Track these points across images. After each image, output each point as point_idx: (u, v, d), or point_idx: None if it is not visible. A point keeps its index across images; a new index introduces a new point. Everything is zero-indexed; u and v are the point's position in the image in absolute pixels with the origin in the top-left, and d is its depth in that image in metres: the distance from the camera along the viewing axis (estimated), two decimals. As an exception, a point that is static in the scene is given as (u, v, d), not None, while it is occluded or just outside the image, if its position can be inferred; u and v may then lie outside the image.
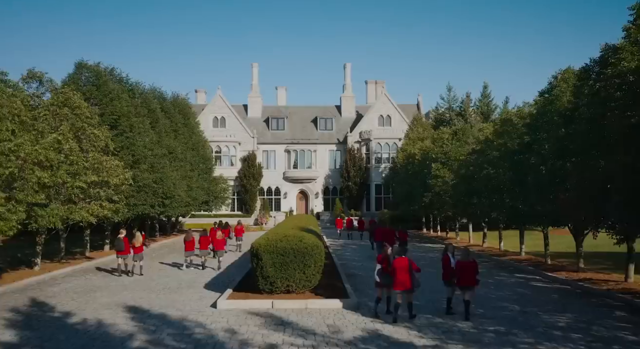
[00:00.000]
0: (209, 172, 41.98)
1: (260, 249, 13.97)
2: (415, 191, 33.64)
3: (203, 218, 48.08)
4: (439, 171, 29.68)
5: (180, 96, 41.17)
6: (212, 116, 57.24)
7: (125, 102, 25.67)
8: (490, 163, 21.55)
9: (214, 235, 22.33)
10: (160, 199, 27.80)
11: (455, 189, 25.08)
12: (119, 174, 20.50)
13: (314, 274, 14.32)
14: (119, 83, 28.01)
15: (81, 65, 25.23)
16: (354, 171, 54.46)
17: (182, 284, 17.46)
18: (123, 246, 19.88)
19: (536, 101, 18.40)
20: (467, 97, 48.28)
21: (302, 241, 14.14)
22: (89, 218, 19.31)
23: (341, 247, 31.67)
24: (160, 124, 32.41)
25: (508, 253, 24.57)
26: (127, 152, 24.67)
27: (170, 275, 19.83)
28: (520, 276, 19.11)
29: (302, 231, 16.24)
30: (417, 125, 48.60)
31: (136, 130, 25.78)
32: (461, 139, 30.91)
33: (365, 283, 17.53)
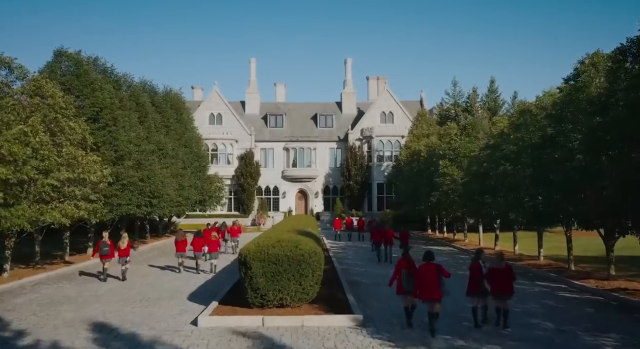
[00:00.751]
0: (203, 170, 39.96)
1: (250, 256, 11.98)
2: (421, 190, 31.63)
3: (198, 219, 46.08)
4: (447, 169, 27.67)
5: (173, 91, 39.10)
6: (208, 112, 55.24)
7: (109, 93, 23.67)
8: (507, 159, 19.55)
9: (207, 236, 20.88)
10: (148, 199, 25.80)
11: (466, 188, 23.07)
12: (96, 170, 18.47)
13: (311, 285, 12.32)
14: (103, 74, 26.00)
15: (60, 53, 23.23)
16: (355, 169, 52.46)
17: (163, 294, 15.46)
18: (108, 250, 18.30)
19: (561, 88, 16.38)
20: (473, 92, 46.17)
21: (298, 247, 12.14)
22: (61, 220, 17.29)
23: (342, 250, 29.69)
24: (149, 118, 30.45)
25: (524, 257, 22.56)
26: (109, 147, 22.68)
27: (153, 282, 17.83)
28: (543, 285, 17.09)
29: (298, 235, 14.26)
30: (421, 121, 46.54)
31: (120, 124, 23.79)
32: (471, 134, 28.89)
33: (371, 292, 15.55)
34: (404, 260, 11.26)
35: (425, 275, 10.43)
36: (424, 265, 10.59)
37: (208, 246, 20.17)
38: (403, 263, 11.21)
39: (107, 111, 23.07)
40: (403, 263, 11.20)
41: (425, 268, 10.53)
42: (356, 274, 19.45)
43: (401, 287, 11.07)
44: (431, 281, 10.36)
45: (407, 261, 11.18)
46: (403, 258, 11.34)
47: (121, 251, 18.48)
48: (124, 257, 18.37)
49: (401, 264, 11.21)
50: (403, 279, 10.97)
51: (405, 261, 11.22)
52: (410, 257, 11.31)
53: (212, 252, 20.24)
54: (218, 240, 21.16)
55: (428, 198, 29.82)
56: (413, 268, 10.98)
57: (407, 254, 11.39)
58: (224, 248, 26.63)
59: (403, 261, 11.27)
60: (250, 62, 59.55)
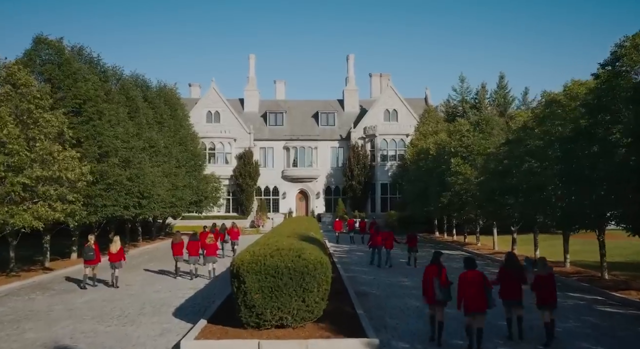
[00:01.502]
0: (199, 169, 37.98)
1: (243, 267, 10.03)
2: (431, 190, 29.65)
3: (195, 220, 44.10)
4: (460, 167, 25.71)
5: (168, 86, 37.11)
6: (205, 110, 53.29)
7: (93, 84, 21.72)
8: (532, 154, 17.61)
9: (204, 239, 19.62)
10: (136, 199, 23.84)
11: (483, 187, 21.13)
12: (74, 167, 16.52)
13: (317, 301, 10.37)
14: (88, 64, 24.05)
15: (40, 40, 21.28)
16: (357, 169, 50.49)
17: (145, 308, 13.52)
18: (93, 255, 16.66)
19: (598, 74, 14.45)
20: (482, 88, 44.21)
21: (302, 257, 10.19)
22: (32, 223, 15.35)
23: (346, 254, 27.74)
24: (140, 114, 28.49)
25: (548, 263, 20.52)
26: (92, 142, 20.72)
27: (137, 293, 15.87)
28: (576, 297, 15.11)
29: (301, 241, 12.32)
30: (428, 118, 44.55)
31: (106, 118, 21.83)
32: (484, 130, 26.94)
33: (383, 306, 13.60)
34: (434, 267, 10.06)
35: (468, 285, 9.30)
36: (466, 273, 9.45)
37: (206, 250, 18.95)
38: (433, 270, 10.02)
39: (90, 104, 21.13)
40: (433, 270, 10.00)
41: (469, 277, 9.39)
42: (364, 283, 17.49)
43: (433, 297, 9.84)
44: (476, 291, 9.24)
45: (438, 268, 9.97)
46: (432, 265, 10.16)
47: (112, 255, 16.92)
48: (116, 262, 16.78)
49: (430, 271, 10.04)
50: (436, 288, 9.76)
51: (435, 268, 10.01)
52: (441, 264, 10.12)
53: (211, 256, 18.81)
54: (216, 243, 19.71)
55: (438, 199, 27.87)
56: (445, 275, 9.89)
57: (437, 261, 10.19)
58: (223, 251, 25.16)
59: (432, 268, 10.07)
60: (249, 58, 57.62)
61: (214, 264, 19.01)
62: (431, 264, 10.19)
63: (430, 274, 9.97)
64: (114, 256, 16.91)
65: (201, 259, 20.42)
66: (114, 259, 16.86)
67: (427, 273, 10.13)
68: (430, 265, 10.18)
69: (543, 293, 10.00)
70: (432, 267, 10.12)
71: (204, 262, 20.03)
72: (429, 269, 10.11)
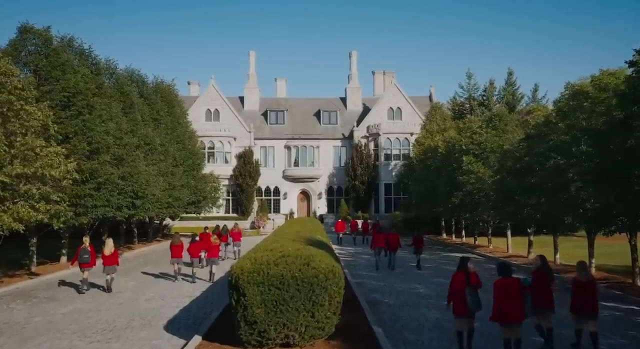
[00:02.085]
0: (197, 168, 36.58)
1: (243, 278, 8.65)
2: (440, 190, 28.23)
3: (194, 221, 42.70)
4: (472, 165, 24.32)
5: (165, 82, 35.69)
6: (204, 108, 51.92)
7: (83, 77, 20.34)
8: (557, 150, 16.22)
9: (206, 240, 19.03)
10: (130, 200, 22.46)
11: (499, 186, 19.73)
12: (59, 164, 15.14)
13: (328, 316, 8.99)
14: (79, 56, 22.69)
15: (26, 29, 19.88)
16: (361, 168, 49.11)
17: (134, 320, 12.13)
18: (88, 258, 15.79)
19: (635, 61, 13.07)
20: (490, 84, 42.78)
21: (311, 265, 8.81)
22: (11, 225, 13.97)
23: (351, 257, 26.38)
24: (135, 110, 27.12)
25: (569, 268, 19.15)
26: (81, 138, 19.32)
27: (127, 301, 14.48)
28: (611, 306, 13.70)
29: (308, 246, 10.92)
30: (435, 115, 43.13)
31: (97, 112, 20.44)
32: (498, 126, 25.55)
33: (398, 317, 12.23)
34: (461, 274, 9.18)
35: (505, 293, 8.40)
36: (502, 281, 8.54)
37: (208, 251, 18.14)
38: (460, 277, 9.14)
39: (80, 97, 19.74)
40: (460, 277, 9.13)
41: (505, 285, 8.48)
42: (375, 290, 16.09)
43: (463, 307, 8.95)
44: (513, 300, 8.38)
45: (465, 276, 9.10)
46: (459, 272, 9.28)
47: (106, 258, 15.93)
48: (110, 266, 15.79)
49: (458, 279, 9.14)
50: (467, 296, 8.90)
51: (462, 276, 9.13)
52: (468, 271, 9.22)
53: (212, 258, 17.85)
54: (218, 245, 18.79)
55: (449, 199, 26.47)
56: (476, 282, 9.07)
57: (465, 267, 9.29)
58: (224, 253, 24.13)
59: (460, 275, 9.18)
60: (249, 55, 56.24)
61: (216, 266, 18.14)
62: (458, 272, 9.30)
63: (458, 283, 9.08)
64: (108, 259, 15.96)
65: (203, 261, 19.62)
66: (108, 262, 15.93)
67: (453, 281, 9.21)
68: (457, 272, 9.30)
69: (584, 300, 9.17)
70: (459, 274, 9.22)
71: (205, 263, 19.09)
72: (456, 277, 9.20)
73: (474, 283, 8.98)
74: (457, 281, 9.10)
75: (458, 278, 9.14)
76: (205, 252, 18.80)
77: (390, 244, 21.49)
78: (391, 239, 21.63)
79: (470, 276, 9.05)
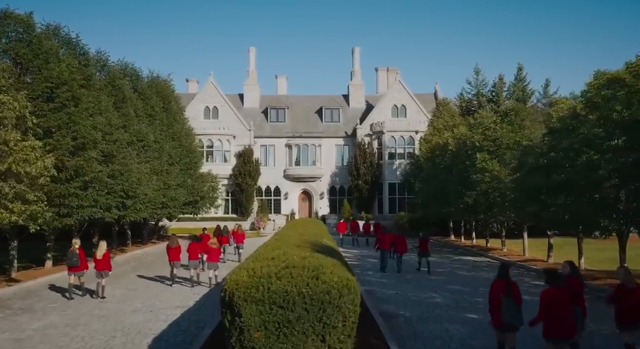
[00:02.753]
0: (195, 167, 35.01)
1: (239, 294, 7.07)
2: (450, 189, 26.64)
3: (192, 222, 41.11)
4: (486, 163, 22.75)
5: (161, 77, 34.10)
6: (202, 105, 50.36)
7: (68, 66, 18.79)
8: (588, 145, 14.64)
9: (205, 242, 18.09)
10: (120, 199, 20.91)
11: (521, 185, 18.17)
12: (35, 160, 13.59)
13: (342, 340, 7.39)
14: (66, 46, 21.14)
15: (6, 14, 18.32)
16: (364, 168, 47.54)
17: (115, 338, 10.55)
18: (77, 261, 14.80)
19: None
20: (500, 80, 41.17)
21: (321, 278, 7.23)
22: (-22, 228, 12.42)
23: (357, 260, 24.84)
24: (128, 104, 25.58)
25: (597, 274, 17.59)
26: (65, 133, 17.75)
27: (110, 313, 12.88)
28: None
29: (315, 253, 9.37)
30: (442, 111, 41.56)
31: (83, 105, 18.89)
32: (514, 121, 24.00)
33: (419, 334, 10.68)
34: (502, 283, 8.32)
35: (553, 305, 7.49)
36: (551, 290, 7.58)
37: (207, 255, 17.28)
38: (500, 285, 8.32)
39: (65, 88, 18.18)
40: (500, 285, 8.31)
41: (553, 295, 7.54)
42: (387, 299, 14.52)
43: (501, 319, 8.13)
44: (563, 313, 7.46)
45: (506, 284, 8.25)
46: (500, 280, 8.41)
47: (98, 262, 14.86)
48: (102, 270, 14.75)
49: (498, 287, 8.34)
50: (504, 307, 8.09)
51: (503, 284, 8.28)
52: (510, 278, 8.40)
53: (212, 262, 16.91)
54: (219, 248, 17.90)
55: (461, 199, 24.89)
56: (517, 291, 8.23)
57: (506, 275, 8.42)
58: (225, 255, 23.10)
59: (500, 283, 8.36)
60: (249, 51, 54.68)
61: (216, 271, 16.99)
62: (498, 279, 8.47)
63: (499, 292, 8.25)
64: (100, 262, 14.90)
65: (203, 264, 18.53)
66: (101, 266, 14.87)
67: (494, 290, 8.39)
68: (497, 280, 8.46)
69: (626, 309, 8.28)
70: (499, 282, 8.39)
71: (205, 267, 17.87)
72: (497, 286, 8.37)
73: (515, 294, 8.14)
74: (497, 289, 8.28)
75: (497, 287, 8.31)
76: (205, 256, 17.88)
77: (397, 246, 20.49)
78: (398, 241, 20.58)
79: (512, 286, 8.20)
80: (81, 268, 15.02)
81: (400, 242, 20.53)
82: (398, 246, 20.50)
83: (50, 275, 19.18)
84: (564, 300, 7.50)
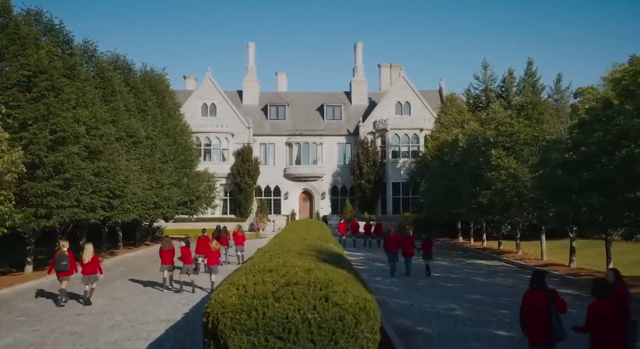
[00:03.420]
0: (191, 166, 33.38)
1: (225, 320, 5.45)
2: (463, 188, 24.98)
3: (188, 223, 39.54)
4: (502, 160, 21.12)
5: (155, 71, 32.46)
6: (200, 102, 48.77)
7: (48, 53, 17.18)
8: (626, 137, 13.01)
9: (204, 245, 17.88)
10: (106, 199, 19.28)
11: (545, 183, 16.53)
12: (2, 154, 11.95)
13: (358, 378, 5.78)
14: (48, 33, 19.54)
15: (-23, -3, 16.74)
16: (367, 167, 45.95)
17: (85, 362, 8.94)
18: (67, 265, 13.90)
19: None
20: (509, 74, 39.53)
21: (332, 299, 5.60)
22: None
23: (362, 263, 23.22)
24: (118, 98, 23.97)
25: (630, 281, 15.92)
26: (42, 125, 16.12)
27: (84, 328, 11.24)
28: None
29: (321, 262, 7.76)
30: (450, 107, 39.94)
31: (64, 96, 17.26)
32: (531, 115, 22.37)
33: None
34: (539, 293, 7.25)
35: (605, 321, 6.56)
36: (600, 303, 6.68)
37: (207, 258, 16.41)
38: (539, 295, 7.23)
39: (43, 77, 16.57)
40: (540, 296, 7.22)
41: (604, 310, 6.63)
42: (401, 312, 12.87)
43: (546, 333, 7.06)
44: (614, 328, 6.57)
45: (546, 294, 7.22)
46: (536, 290, 7.31)
47: (85, 266, 13.98)
48: (90, 275, 13.90)
49: (536, 297, 7.22)
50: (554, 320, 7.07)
51: (541, 294, 7.22)
52: (547, 286, 7.40)
53: (213, 265, 15.93)
54: (219, 251, 16.77)
55: (474, 198, 23.23)
56: (561, 302, 7.22)
57: (543, 284, 7.38)
58: (225, 257, 22.12)
59: (538, 293, 7.26)
60: (248, 46, 53.08)
61: (217, 274, 16.06)
62: (534, 289, 7.35)
63: (536, 302, 7.15)
64: (87, 266, 13.84)
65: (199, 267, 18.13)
66: (88, 271, 13.92)
67: (529, 301, 7.28)
68: (533, 291, 7.34)
69: None
70: (535, 292, 7.30)
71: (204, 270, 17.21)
72: (533, 296, 7.28)
73: (560, 304, 7.15)
74: (537, 300, 7.16)
75: (538, 297, 7.20)
76: (204, 258, 17.23)
77: (404, 248, 19.29)
78: (406, 243, 19.36)
79: (554, 295, 7.20)
80: (70, 272, 14.05)
81: (408, 244, 19.38)
82: (406, 247, 19.34)
83: (29, 281, 17.58)
84: (616, 315, 6.60)
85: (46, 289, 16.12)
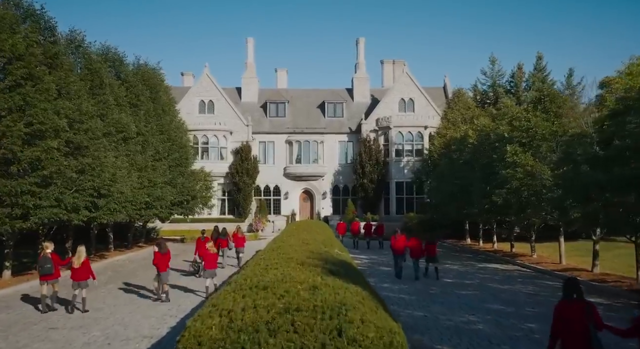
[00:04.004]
0: (186, 164, 31.90)
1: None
2: (475, 187, 23.48)
3: (184, 224, 38.09)
4: (518, 156, 19.65)
5: (149, 65, 30.94)
6: (197, 99, 47.28)
7: (25, 39, 15.70)
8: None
9: (202, 247, 16.87)
10: (90, 198, 17.80)
11: (570, 181, 15.05)
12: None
13: None
14: (29, 19, 18.06)
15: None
16: (369, 165, 44.45)
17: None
18: (51, 268, 13.08)
19: None
20: (519, 69, 38.00)
21: (347, 333, 4.10)
22: None
23: (366, 266, 21.72)
24: (107, 91, 22.51)
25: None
26: (17, 117, 14.64)
27: (55, 347, 9.79)
28: None
29: (328, 275, 6.29)
30: (457, 103, 38.45)
31: (43, 85, 15.78)
32: (549, 109, 20.90)
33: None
34: (575, 305, 6.28)
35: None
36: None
37: (205, 261, 15.54)
38: (572, 308, 6.26)
39: (19, 64, 15.11)
40: (572, 309, 6.25)
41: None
42: (415, 325, 11.36)
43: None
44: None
45: (583, 307, 6.23)
46: (570, 301, 6.34)
47: (75, 271, 13.05)
48: (82, 281, 13.01)
49: (568, 310, 6.28)
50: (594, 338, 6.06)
51: (577, 307, 6.25)
52: (584, 298, 6.39)
53: (210, 269, 14.94)
54: (216, 254, 15.74)
55: (487, 198, 21.73)
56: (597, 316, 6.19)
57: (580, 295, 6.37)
58: (224, 259, 21.16)
59: (572, 306, 6.30)
60: (247, 42, 51.59)
61: (214, 278, 15.01)
62: (570, 301, 6.39)
63: (572, 318, 6.23)
64: (77, 272, 13.04)
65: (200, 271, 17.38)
66: (78, 276, 13.02)
67: (562, 313, 6.36)
68: (566, 302, 6.42)
69: None
70: (569, 305, 6.36)
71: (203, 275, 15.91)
72: (567, 310, 6.35)
73: (599, 321, 6.20)
74: (573, 314, 6.23)
75: (573, 311, 6.26)
76: (202, 261, 16.35)
77: (412, 251, 18.40)
78: (413, 245, 18.48)
79: (591, 309, 6.24)
80: (55, 276, 13.13)
81: (416, 246, 18.40)
82: (413, 251, 18.37)
83: (6, 288, 16.15)
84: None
85: (31, 295, 14.85)
